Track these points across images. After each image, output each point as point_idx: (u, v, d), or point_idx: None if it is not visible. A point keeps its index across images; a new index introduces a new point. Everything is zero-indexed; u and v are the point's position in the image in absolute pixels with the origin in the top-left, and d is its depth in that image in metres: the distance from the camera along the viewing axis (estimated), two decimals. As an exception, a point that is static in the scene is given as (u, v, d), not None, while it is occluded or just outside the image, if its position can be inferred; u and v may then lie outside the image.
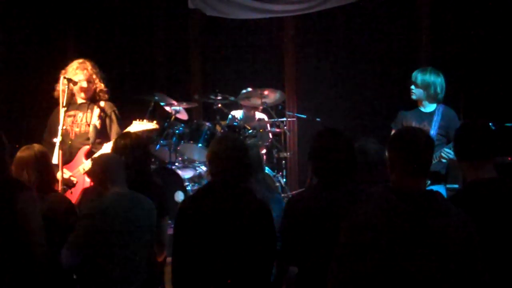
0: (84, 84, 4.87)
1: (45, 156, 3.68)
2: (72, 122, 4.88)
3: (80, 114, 4.92)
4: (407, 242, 2.30)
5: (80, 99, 4.95)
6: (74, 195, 4.56)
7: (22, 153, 3.59)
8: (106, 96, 4.99)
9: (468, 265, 2.33)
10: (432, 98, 4.74)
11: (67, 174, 4.63)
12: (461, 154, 2.92)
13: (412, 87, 4.78)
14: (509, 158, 5.41)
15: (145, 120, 4.92)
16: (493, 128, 4.47)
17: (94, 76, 4.92)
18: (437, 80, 4.73)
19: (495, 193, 2.74)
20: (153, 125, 4.92)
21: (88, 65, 4.93)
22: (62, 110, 4.59)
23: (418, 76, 4.75)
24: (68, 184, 4.62)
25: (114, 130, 4.95)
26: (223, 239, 2.94)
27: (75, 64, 4.91)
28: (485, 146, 2.84)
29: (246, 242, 2.95)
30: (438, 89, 4.74)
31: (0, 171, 3.09)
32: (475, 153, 2.84)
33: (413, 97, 4.81)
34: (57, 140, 4.52)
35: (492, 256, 2.52)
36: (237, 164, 3.06)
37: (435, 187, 4.22)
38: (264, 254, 3.01)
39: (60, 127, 4.53)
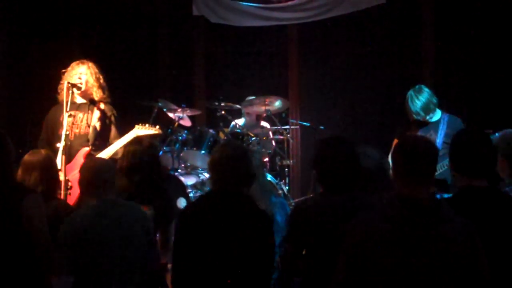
0: (83, 87, 4.88)
1: (52, 162, 3.69)
2: (72, 123, 4.83)
3: (80, 115, 4.90)
4: (412, 249, 2.30)
5: (78, 97, 4.94)
6: (71, 198, 4.53)
7: (30, 157, 3.60)
8: (106, 100, 4.99)
9: (473, 271, 2.33)
10: (436, 107, 4.77)
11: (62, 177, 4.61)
12: (456, 167, 2.88)
13: (427, 118, 4.75)
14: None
15: (147, 125, 4.90)
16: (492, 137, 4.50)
17: (92, 80, 4.90)
18: (426, 95, 4.73)
19: (486, 201, 2.74)
20: (155, 130, 4.90)
21: (86, 61, 4.93)
22: (66, 115, 4.59)
23: (416, 108, 4.72)
24: (65, 186, 4.61)
25: (113, 133, 4.95)
26: (224, 247, 2.94)
27: (75, 64, 4.92)
28: (481, 165, 2.80)
29: (246, 249, 2.95)
30: (434, 100, 4.75)
31: (6, 175, 3.09)
32: (470, 169, 2.80)
33: (434, 119, 4.80)
34: (61, 145, 4.51)
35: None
36: (238, 172, 3.05)
37: (438, 196, 4.21)
38: (263, 261, 3.01)
39: (63, 132, 4.52)
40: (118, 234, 3.13)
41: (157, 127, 4.95)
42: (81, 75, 4.88)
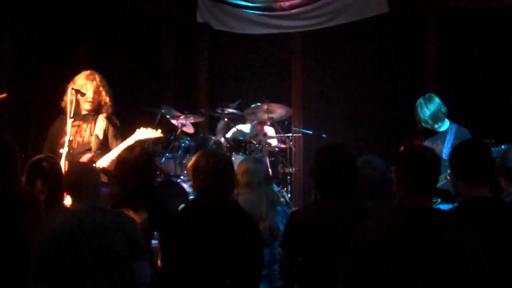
0: (90, 95, 4.89)
1: (57, 168, 3.67)
2: (76, 132, 4.86)
3: (84, 125, 4.93)
4: (414, 259, 2.31)
5: (85, 110, 4.97)
6: None
7: (35, 163, 3.57)
8: (111, 110, 5.01)
9: (474, 281, 2.33)
10: (444, 116, 4.76)
11: None
12: (457, 173, 2.91)
13: (435, 126, 4.75)
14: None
15: (149, 129, 4.90)
16: (493, 149, 4.50)
17: (100, 89, 4.94)
18: (436, 104, 4.73)
19: (490, 211, 2.76)
20: (157, 133, 4.90)
21: (96, 77, 4.96)
22: (69, 121, 4.60)
23: (425, 116, 4.71)
24: None
25: (115, 142, 4.97)
26: (211, 253, 2.95)
27: (83, 75, 4.94)
28: (482, 168, 2.84)
29: (233, 255, 2.97)
30: (443, 109, 4.74)
31: (12, 184, 3.07)
32: (470, 174, 2.84)
33: (442, 129, 4.80)
34: (64, 151, 4.52)
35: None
36: (224, 179, 3.08)
37: (443, 206, 4.21)
38: (251, 267, 3.03)
39: (67, 138, 4.54)
40: (95, 242, 2.91)
41: (159, 130, 4.95)
42: (87, 83, 4.91)
